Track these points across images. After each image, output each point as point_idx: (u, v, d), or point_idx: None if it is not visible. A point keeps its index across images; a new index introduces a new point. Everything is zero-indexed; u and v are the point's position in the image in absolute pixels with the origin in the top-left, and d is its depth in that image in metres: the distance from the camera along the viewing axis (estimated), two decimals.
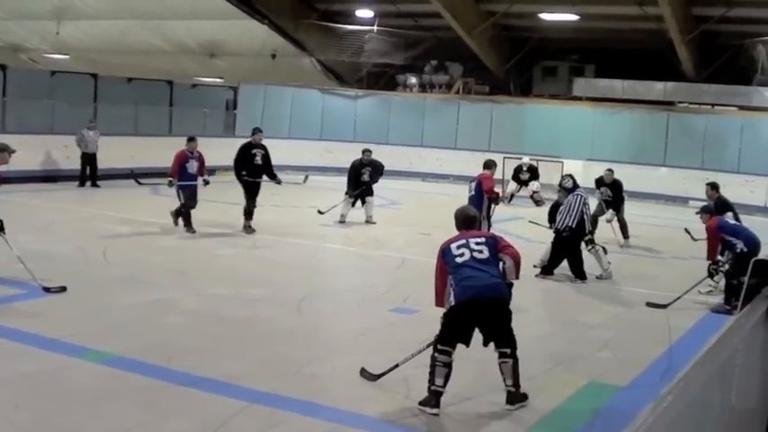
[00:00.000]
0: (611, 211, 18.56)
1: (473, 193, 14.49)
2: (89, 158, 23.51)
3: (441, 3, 29.01)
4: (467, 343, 7.74)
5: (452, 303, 7.73)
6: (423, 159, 32.25)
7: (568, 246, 14.24)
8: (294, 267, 14.43)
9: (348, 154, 24.37)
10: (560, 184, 15.51)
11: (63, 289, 11.09)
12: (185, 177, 17.04)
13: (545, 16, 30.34)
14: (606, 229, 17.81)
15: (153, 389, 7.81)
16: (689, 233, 15.28)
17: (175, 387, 7.86)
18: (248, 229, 17.18)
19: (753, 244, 12.39)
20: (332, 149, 28.81)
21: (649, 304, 12.61)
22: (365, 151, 20.62)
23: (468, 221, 8.37)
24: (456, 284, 7.71)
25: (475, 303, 7.65)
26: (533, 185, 26.05)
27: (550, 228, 14.98)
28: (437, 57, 34.35)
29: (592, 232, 15.14)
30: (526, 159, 25.69)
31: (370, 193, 20.26)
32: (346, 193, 19.99)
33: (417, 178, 31.51)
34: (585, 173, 27.86)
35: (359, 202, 20.11)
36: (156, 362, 8.48)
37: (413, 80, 34.75)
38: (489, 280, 7.71)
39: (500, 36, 32.73)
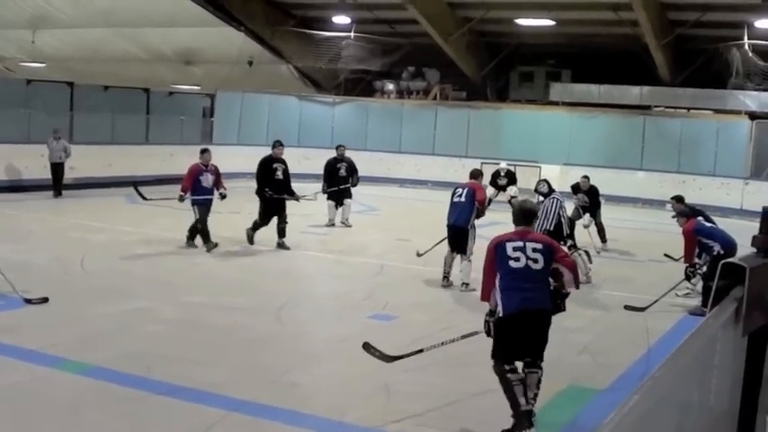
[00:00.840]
0: (587, 216, 18.64)
1: (462, 199, 14.24)
2: (54, 168, 23.37)
3: (417, 9, 29.07)
4: (522, 357, 7.47)
5: (500, 314, 7.46)
6: (400, 165, 32.30)
7: None
8: (273, 275, 14.42)
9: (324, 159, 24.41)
10: (536, 189, 15.55)
11: (45, 300, 11.01)
12: (200, 191, 16.12)
13: (521, 22, 30.48)
14: (584, 234, 17.87)
15: (133, 399, 7.78)
16: (670, 257, 15.29)
17: (155, 397, 7.84)
18: (251, 239, 16.64)
19: (729, 246, 12.48)
20: (310, 156, 28.72)
21: (627, 307, 12.66)
22: (339, 147, 21.24)
23: (528, 216, 7.92)
24: (503, 290, 7.44)
25: (522, 316, 7.38)
26: (511, 190, 26.05)
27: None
28: (414, 63, 34.42)
29: (572, 236, 15.20)
30: (504, 165, 25.71)
31: (349, 195, 20.64)
32: (323, 192, 20.43)
33: (395, 184, 31.55)
34: (563, 177, 27.93)
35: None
36: (136, 372, 8.45)
37: (390, 86, 34.80)
38: (537, 293, 7.44)
39: (477, 42, 32.81)
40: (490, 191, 26.45)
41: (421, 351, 8.02)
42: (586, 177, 19.15)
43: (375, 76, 35.00)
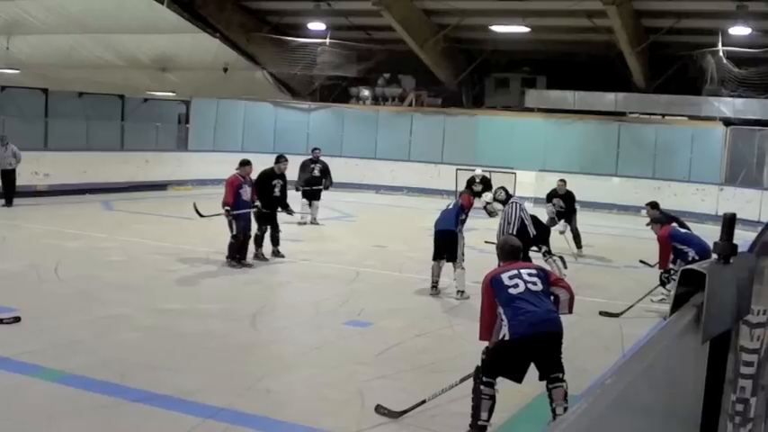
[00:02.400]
0: (563, 221, 18.74)
1: (450, 207, 14.28)
2: (4, 175, 22.74)
3: (393, 16, 29.11)
4: (520, 379, 7.45)
5: (506, 337, 7.33)
6: (376, 171, 32.29)
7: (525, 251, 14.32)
8: (248, 281, 14.39)
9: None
10: (495, 199, 15.51)
11: (17, 320, 10.66)
12: (240, 205, 15.55)
13: (496, 29, 30.54)
14: (560, 240, 17.94)
15: (108, 406, 7.77)
16: (646, 263, 15.35)
17: (130, 404, 7.83)
18: (261, 256, 16.34)
19: (704, 252, 12.55)
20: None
21: (603, 313, 12.74)
22: (314, 150, 22.86)
23: (514, 252, 8.00)
24: (512, 318, 7.29)
25: (534, 338, 7.30)
26: (486, 197, 26.13)
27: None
28: (390, 69, 34.44)
29: (546, 242, 15.24)
30: (479, 171, 25.79)
31: (318, 197, 21.97)
32: (297, 189, 21.44)
33: (371, 190, 31.56)
34: (538, 184, 28.09)
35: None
36: (111, 379, 8.44)
37: (366, 93, 34.81)
38: (548, 315, 7.40)
39: (452, 49, 32.88)
40: None
41: (424, 402, 7.84)
42: (563, 181, 19.24)
43: (350, 82, 35.00)
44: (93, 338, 10.05)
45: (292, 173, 19.37)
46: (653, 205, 15.50)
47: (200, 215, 16.54)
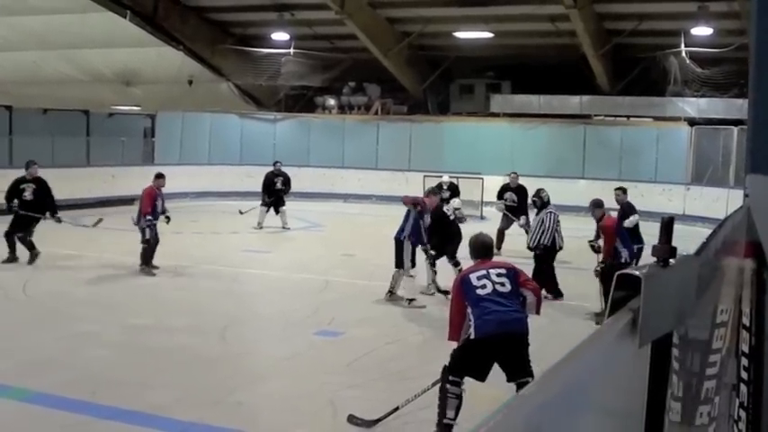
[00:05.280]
0: (523, 216, 18.81)
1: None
2: None
3: (356, 25, 29.17)
4: (482, 378, 7.50)
5: (472, 336, 7.43)
6: (344, 180, 32.29)
7: (542, 263, 14.35)
8: (217, 294, 14.35)
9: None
10: (537, 195, 15.58)
11: None
12: (155, 215, 16.56)
13: (460, 35, 30.70)
14: (516, 243, 17.98)
15: (78, 425, 7.75)
16: (593, 245, 15.31)
17: (101, 421, 7.81)
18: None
19: (633, 259, 12.85)
20: (253, 174, 28.61)
21: (598, 315, 12.50)
22: (276, 163, 24.20)
23: (486, 249, 8.10)
24: (477, 318, 7.39)
25: (498, 338, 7.39)
26: (454, 202, 26.24)
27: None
28: (355, 78, 34.47)
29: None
30: (446, 177, 25.84)
31: (283, 203, 23.10)
32: (263, 204, 23.00)
33: (339, 200, 31.53)
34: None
35: (272, 211, 22.96)
36: (81, 397, 8.40)
37: (331, 102, 34.80)
38: (513, 315, 7.47)
39: (416, 56, 32.99)
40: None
41: (397, 409, 7.86)
42: (515, 174, 19.37)
43: (316, 91, 35.01)
44: (62, 356, 10.01)
45: (253, 185, 19.68)
46: (624, 190, 15.57)
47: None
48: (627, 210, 14.68)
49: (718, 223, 3.51)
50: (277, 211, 22.97)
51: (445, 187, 25.53)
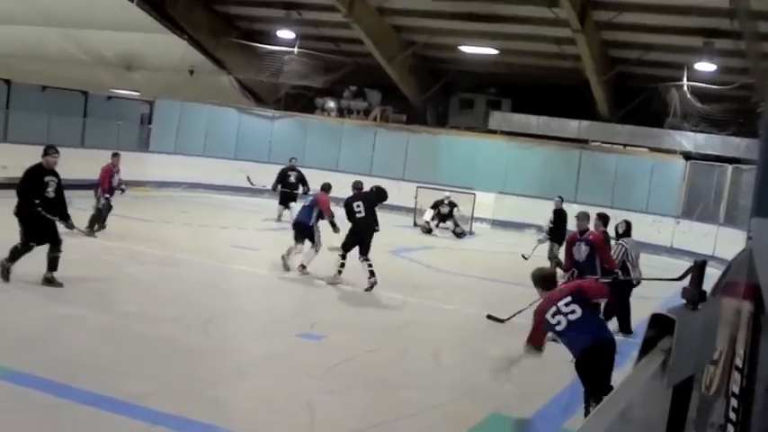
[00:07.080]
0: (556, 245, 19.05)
1: (306, 204, 17.70)
2: None
3: (362, 29, 29.16)
4: (606, 380, 7.91)
5: (574, 359, 8.12)
6: (338, 183, 32.14)
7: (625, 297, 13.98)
8: (202, 287, 14.30)
9: (263, 175, 24.65)
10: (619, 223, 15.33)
11: None
12: (110, 191, 18.78)
13: (465, 49, 30.71)
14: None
15: (53, 406, 7.69)
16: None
17: (77, 405, 7.75)
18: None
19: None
20: (246, 169, 28.60)
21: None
22: (291, 159, 25.63)
23: (551, 281, 8.55)
24: (567, 346, 8.15)
25: (592, 349, 7.93)
26: (426, 215, 26.70)
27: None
28: (356, 83, 34.47)
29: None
30: (448, 194, 26.08)
31: (294, 198, 24.11)
32: (273, 189, 24.80)
33: (332, 202, 31.39)
34: (497, 205, 28.29)
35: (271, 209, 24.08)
36: (59, 379, 8.34)
37: (331, 104, 34.79)
38: (593, 336, 8.00)
39: (419, 66, 33.02)
40: (429, 213, 26.73)
41: (521, 311, 9.26)
42: (560, 198, 19.64)
43: (316, 93, 34.98)
44: (44, 337, 9.96)
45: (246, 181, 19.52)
46: (605, 221, 15.27)
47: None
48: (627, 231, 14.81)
49: (726, 265, 3.48)
50: (287, 206, 24.18)
51: (446, 203, 25.91)
